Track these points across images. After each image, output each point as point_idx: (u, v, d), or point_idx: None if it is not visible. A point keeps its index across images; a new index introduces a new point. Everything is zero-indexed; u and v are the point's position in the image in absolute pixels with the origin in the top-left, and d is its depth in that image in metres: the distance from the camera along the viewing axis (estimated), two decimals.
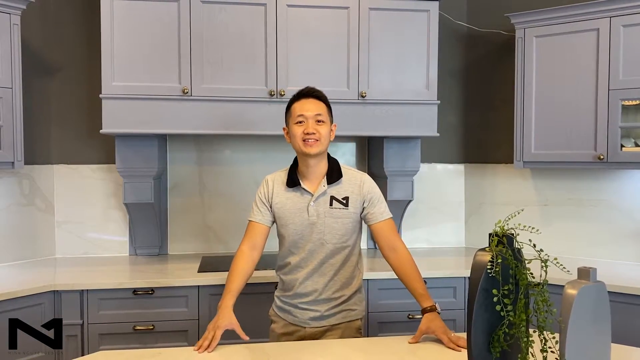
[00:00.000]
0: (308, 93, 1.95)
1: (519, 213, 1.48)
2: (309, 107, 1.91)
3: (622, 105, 2.67)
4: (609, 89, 2.68)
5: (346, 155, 3.37)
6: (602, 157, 2.69)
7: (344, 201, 1.92)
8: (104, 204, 3.14)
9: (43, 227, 3.06)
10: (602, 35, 2.69)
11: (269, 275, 2.56)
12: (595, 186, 3.04)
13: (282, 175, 1.99)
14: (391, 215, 1.97)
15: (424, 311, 1.82)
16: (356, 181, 1.95)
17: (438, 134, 2.96)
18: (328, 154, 1.99)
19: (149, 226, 3.07)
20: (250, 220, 2.00)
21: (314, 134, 1.87)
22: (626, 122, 2.71)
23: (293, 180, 1.95)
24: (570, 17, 2.77)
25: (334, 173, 1.94)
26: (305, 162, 1.92)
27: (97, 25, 2.69)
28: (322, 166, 1.95)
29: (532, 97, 2.90)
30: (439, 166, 3.47)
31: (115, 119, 2.66)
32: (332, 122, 1.97)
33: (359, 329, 2.03)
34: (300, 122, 1.90)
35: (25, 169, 2.88)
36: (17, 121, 2.64)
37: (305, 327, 1.98)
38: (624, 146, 2.70)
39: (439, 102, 2.93)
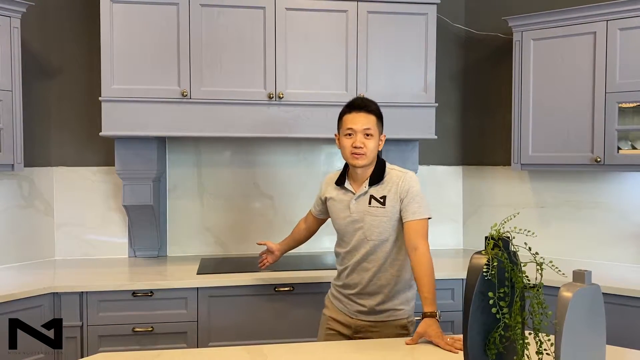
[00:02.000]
0: (359, 106, 2.02)
1: (514, 216, 1.50)
2: (359, 121, 1.99)
3: (619, 107, 2.68)
4: (605, 92, 2.69)
5: None
6: (599, 159, 2.71)
7: (382, 200, 2.00)
8: (104, 206, 3.15)
9: (43, 229, 3.07)
10: (599, 38, 2.70)
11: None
12: (592, 188, 3.05)
13: (336, 175, 2.16)
14: (425, 216, 1.98)
15: (424, 315, 1.84)
16: (397, 179, 2.01)
17: (436, 137, 2.97)
18: (377, 155, 2.08)
19: (148, 228, 3.07)
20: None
21: (361, 147, 1.98)
22: (623, 124, 2.72)
23: (341, 180, 2.11)
24: (568, 20, 2.78)
25: (377, 176, 2.03)
26: (354, 169, 2.05)
27: (96, 28, 2.71)
28: (369, 170, 2.05)
29: (529, 99, 2.91)
30: (437, 168, 3.48)
31: (114, 122, 2.67)
32: (381, 132, 2.05)
33: (405, 327, 2.05)
34: (349, 135, 2.01)
35: (25, 171, 2.89)
36: (16, 124, 2.65)
37: (353, 318, 2.08)
38: (620, 149, 2.71)
39: (436, 104, 2.95)
